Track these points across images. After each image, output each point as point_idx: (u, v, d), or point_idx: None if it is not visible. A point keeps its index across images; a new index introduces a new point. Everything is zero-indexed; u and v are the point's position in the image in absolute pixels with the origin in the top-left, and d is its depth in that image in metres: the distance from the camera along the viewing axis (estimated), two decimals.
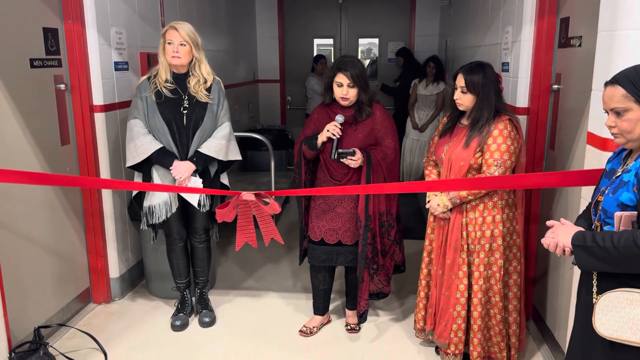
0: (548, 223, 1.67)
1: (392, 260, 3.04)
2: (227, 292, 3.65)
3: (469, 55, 4.57)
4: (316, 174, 3.01)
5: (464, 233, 2.57)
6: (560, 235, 1.59)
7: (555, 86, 2.89)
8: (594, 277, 1.55)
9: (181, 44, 2.85)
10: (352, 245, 2.93)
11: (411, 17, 7.06)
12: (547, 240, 1.64)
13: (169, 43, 2.85)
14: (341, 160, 2.77)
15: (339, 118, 2.78)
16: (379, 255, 2.95)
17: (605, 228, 1.55)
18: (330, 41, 7.46)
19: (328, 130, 2.77)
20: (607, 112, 1.55)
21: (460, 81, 2.53)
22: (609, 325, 1.47)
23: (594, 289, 1.55)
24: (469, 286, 2.60)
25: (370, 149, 2.85)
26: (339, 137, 2.76)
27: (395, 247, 3.04)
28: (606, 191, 1.56)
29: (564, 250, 1.60)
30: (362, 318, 3.11)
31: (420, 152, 5.93)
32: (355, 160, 2.76)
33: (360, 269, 2.88)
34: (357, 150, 2.77)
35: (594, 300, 1.53)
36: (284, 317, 3.31)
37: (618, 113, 1.50)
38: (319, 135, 2.83)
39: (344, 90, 2.77)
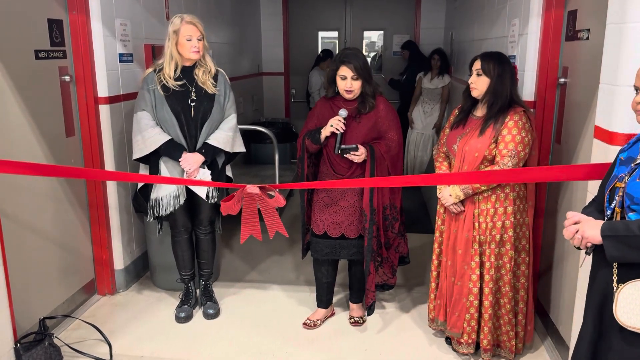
0: (569, 214, 1.62)
1: (397, 252, 3.04)
2: (231, 284, 3.66)
3: (475, 48, 4.53)
4: (319, 167, 3.00)
5: (476, 224, 2.58)
6: (587, 229, 1.53)
7: (562, 80, 2.87)
8: (614, 265, 1.52)
9: (199, 39, 2.87)
10: (355, 239, 2.93)
11: (416, 9, 7.01)
12: (571, 234, 1.58)
13: (189, 39, 2.85)
14: (345, 155, 2.77)
15: (342, 112, 2.77)
16: (382, 248, 2.94)
17: (630, 214, 1.51)
18: (334, 34, 7.43)
19: (332, 125, 2.76)
20: (637, 89, 1.53)
21: (477, 65, 2.55)
22: (632, 315, 1.44)
23: (614, 277, 1.51)
24: (481, 276, 2.62)
25: (373, 142, 2.84)
26: (342, 131, 2.76)
27: (400, 239, 3.03)
28: (627, 177, 1.53)
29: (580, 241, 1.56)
30: (370, 310, 3.10)
31: (424, 146, 5.91)
32: (358, 156, 2.76)
33: (367, 262, 2.88)
34: (360, 145, 2.76)
35: (614, 289, 1.50)
36: (287, 310, 3.31)
37: None
38: (322, 130, 2.82)
39: (348, 83, 2.76)
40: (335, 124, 2.75)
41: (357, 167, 2.85)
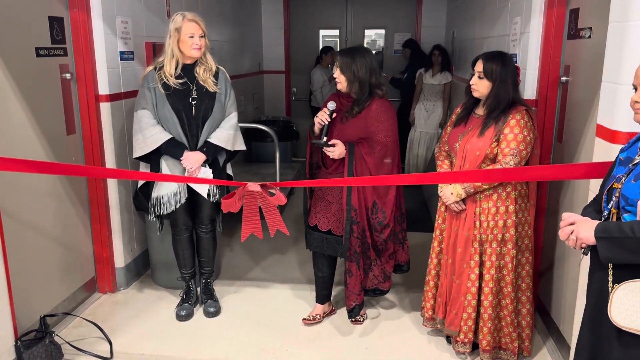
0: (564, 215, 1.63)
1: (392, 259, 3.01)
2: (232, 282, 3.66)
3: (476, 46, 4.53)
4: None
5: (477, 223, 2.57)
6: (581, 230, 1.54)
7: (564, 78, 2.87)
8: (610, 266, 1.52)
9: (201, 36, 2.87)
10: (341, 236, 2.93)
11: (418, 8, 7.00)
12: (566, 236, 1.59)
13: (191, 36, 2.84)
14: (322, 149, 2.82)
15: (330, 105, 2.82)
16: (370, 250, 2.92)
17: (625, 215, 1.51)
18: (336, 32, 7.42)
19: (317, 117, 2.82)
20: (636, 88, 1.54)
21: (479, 67, 2.53)
22: (626, 315, 1.44)
23: (610, 278, 1.51)
24: (480, 275, 2.62)
25: (359, 141, 2.84)
26: (326, 123, 2.80)
27: (398, 246, 3.02)
28: (624, 178, 1.54)
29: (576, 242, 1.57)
30: (351, 313, 3.04)
31: (427, 145, 5.89)
32: (331, 152, 2.79)
33: (347, 262, 2.89)
34: (337, 141, 2.79)
35: (609, 289, 1.50)
36: (288, 308, 3.31)
37: None
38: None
39: (337, 72, 2.83)
40: (320, 116, 2.81)
41: (339, 163, 2.88)
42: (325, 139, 2.80)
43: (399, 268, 3.09)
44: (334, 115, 2.82)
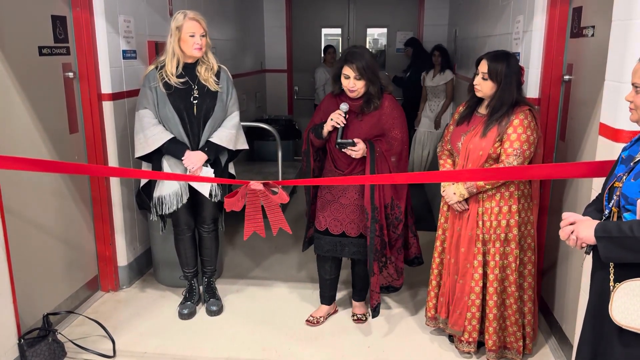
0: (564, 215, 1.63)
1: (400, 254, 3.01)
2: (235, 281, 3.66)
3: (479, 45, 4.52)
4: (324, 162, 3.01)
5: (480, 222, 2.57)
6: (581, 230, 1.54)
7: (567, 77, 2.86)
8: (611, 265, 1.52)
9: (202, 36, 2.86)
10: (356, 237, 2.91)
11: (420, 6, 7.00)
12: (566, 235, 1.59)
13: (192, 35, 2.83)
14: (343, 150, 2.77)
15: (343, 107, 2.77)
16: (387, 248, 2.92)
17: (625, 214, 1.51)
18: (338, 31, 7.42)
19: (332, 119, 2.76)
20: (637, 88, 1.56)
21: (483, 67, 2.51)
22: (627, 314, 1.44)
23: (611, 277, 1.51)
24: (484, 275, 2.61)
25: (375, 139, 2.82)
26: (342, 125, 2.75)
27: (413, 239, 3.03)
28: (625, 177, 1.54)
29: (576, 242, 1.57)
30: (375, 312, 3.00)
31: (433, 145, 5.88)
32: (356, 151, 2.75)
33: (370, 262, 2.85)
34: (359, 140, 2.75)
35: (610, 288, 1.50)
36: (290, 307, 3.31)
37: (638, 88, 1.50)
38: (325, 124, 2.82)
39: (351, 82, 2.75)
40: (335, 118, 2.75)
41: (357, 163, 2.85)
42: (337, 140, 2.76)
43: (410, 262, 3.08)
44: (347, 116, 2.78)
